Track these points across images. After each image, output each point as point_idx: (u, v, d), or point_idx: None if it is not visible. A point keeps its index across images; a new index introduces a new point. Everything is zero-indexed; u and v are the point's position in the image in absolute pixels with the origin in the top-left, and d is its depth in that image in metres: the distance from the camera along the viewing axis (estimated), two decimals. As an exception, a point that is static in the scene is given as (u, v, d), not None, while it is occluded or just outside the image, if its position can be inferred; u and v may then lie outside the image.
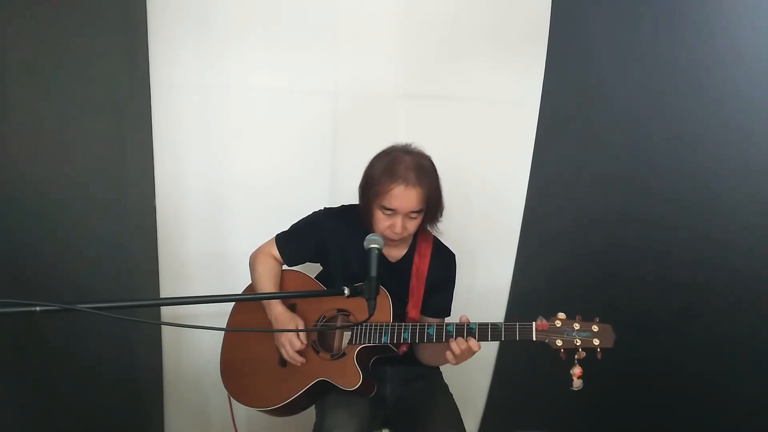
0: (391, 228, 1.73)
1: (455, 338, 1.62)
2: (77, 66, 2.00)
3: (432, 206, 1.78)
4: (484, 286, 2.44)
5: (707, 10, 2.12)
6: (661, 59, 2.18)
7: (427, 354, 1.88)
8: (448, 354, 1.64)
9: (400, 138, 1.83)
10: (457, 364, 1.66)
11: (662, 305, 2.23)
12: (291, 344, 1.75)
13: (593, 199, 2.34)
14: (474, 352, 1.63)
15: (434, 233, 1.92)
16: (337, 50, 2.26)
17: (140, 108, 2.14)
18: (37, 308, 1.05)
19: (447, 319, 1.91)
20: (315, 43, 2.24)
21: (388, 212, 1.72)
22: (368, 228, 1.81)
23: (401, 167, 1.70)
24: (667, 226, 2.22)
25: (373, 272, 1.48)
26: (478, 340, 1.62)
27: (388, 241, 1.74)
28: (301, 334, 1.77)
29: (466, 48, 2.31)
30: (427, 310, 1.89)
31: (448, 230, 1.99)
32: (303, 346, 1.77)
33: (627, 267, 2.29)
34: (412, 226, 1.76)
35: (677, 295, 2.21)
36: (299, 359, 1.77)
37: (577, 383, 1.53)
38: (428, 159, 1.77)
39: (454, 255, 1.95)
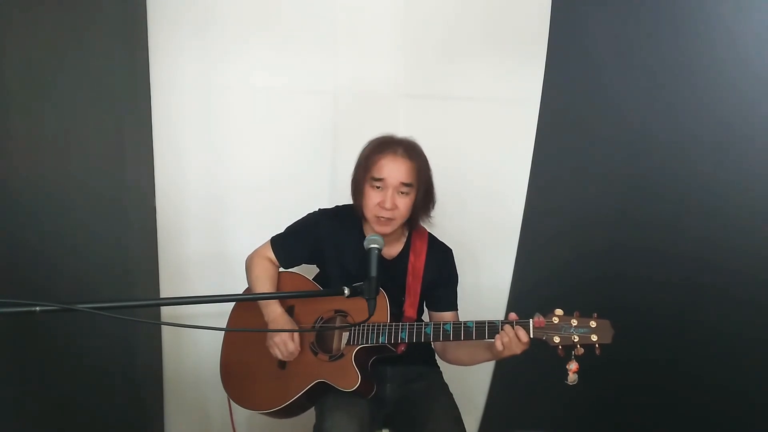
0: (381, 204, 1.73)
1: (502, 329, 1.58)
2: (77, 66, 2.00)
3: (422, 190, 1.78)
4: (484, 285, 2.44)
5: (707, 9, 2.11)
6: (660, 59, 2.17)
7: (462, 354, 1.85)
8: (497, 346, 1.59)
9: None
10: (504, 356, 1.61)
11: (662, 305, 2.23)
12: (284, 345, 1.74)
13: (593, 198, 2.33)
14: (524, 343, 1.58)
15: (429, 228, 1.92)
16: (337, 50, 2.26)
17: (140, 108, 2.14)
18: (37, 308, 1.05)
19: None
20: (315, 43, 2.25)
21: (378, 183, 1.73)
22: (362, 216, 1.82)
23: (390, 142, 1.77)
24: (667, 225, 2.22)
25: (373, 272, 1.49)
26: (475, 339, 1.62)
27: (377, 229, 1.74)
28: (294, 337, 1.75)
29: (466, 48, 2.31)
30: (432, 305, 1.90)
31: (448, 229, 2.00)
32: (297, 349, 1.76)
33: (627, 266, 2.29)
34: (403, 204, 1.75)
35: (677, 295, 2.21)
36: (294, 348, 1.75)
37: (572, 378, 1.52)
38: (416, 142, 1.81)
39: (451, 249, 1.95)
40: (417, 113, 2.32)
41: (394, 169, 1.73)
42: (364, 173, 1.76)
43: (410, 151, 1.76)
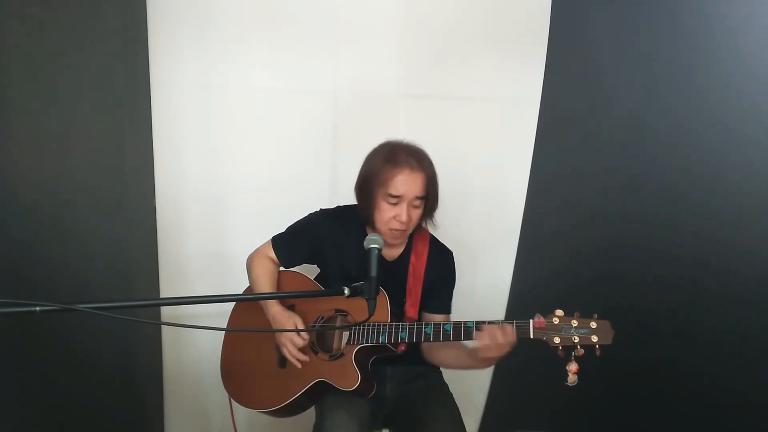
0: (397, 218, 1.73)
1: (478, 330, 1.56)
2: (77, 66, 2.00)
3: (431, 197, 1.79)
4: (484, 285, 2.44)
5: (707, 9, 2.11)
6: (661, 59, 2.18)
7: (445, 356, 1.84)
8: (481, 349, 1.57)
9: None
10: (489, 363, 1.59)
11: (662, 305, 2.23)
12: (292, 342, 1.76)
13: (593, 198, 2.33)
14: (509, 342, 1.56)
15: (431, 230, 1.92)
16: (337, 50, 2.26)
17: (140, 108, 2.14)
18: (37, 308, 1.05)
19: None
20: (315, 43, 2.24)
21: (394, 200, 1.73)
22: (369, 225, 1.82)
23: (401, 154, 1.74)
24: (667, 225, 2.22)
25: (373, 272, 1.49)
26: (474, 339, 1.62)
27: (389, 240, 1.74)
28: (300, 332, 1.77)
29: (466, 48, 2.31)
30: (428, 307, 1.89)
31: (448, 229, 1.99)
32: (305, 343, 1.77)
33: (627, 266, 2.29)
34: (416, 215, 1.77)
35: (677, 294, 2.21)
36: (302, 357, 1.77)
37: (572, 379, 1.52)
38: (423, 149, 1.80)
39: (452, 252, 1.95)
40: (417, 113, 2.32)
41: (410, 184, 1.72)
42: (377, 187, 1.74)
43: (422, 161, 1.75)
